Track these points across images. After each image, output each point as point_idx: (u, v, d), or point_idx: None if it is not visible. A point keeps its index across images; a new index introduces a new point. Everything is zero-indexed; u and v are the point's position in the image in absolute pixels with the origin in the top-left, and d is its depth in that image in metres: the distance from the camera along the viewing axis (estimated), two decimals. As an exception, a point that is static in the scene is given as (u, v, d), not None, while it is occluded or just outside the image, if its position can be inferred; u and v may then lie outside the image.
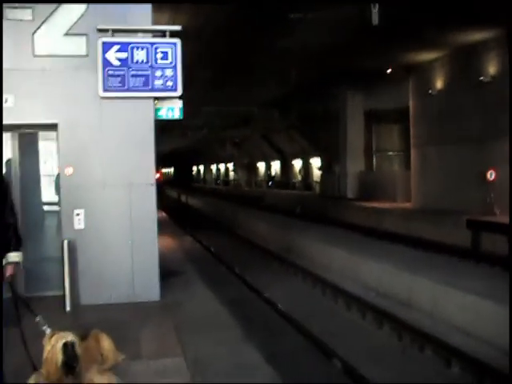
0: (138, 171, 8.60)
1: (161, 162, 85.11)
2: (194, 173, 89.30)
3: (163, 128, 42.30)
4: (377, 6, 13.55)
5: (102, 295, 8.44)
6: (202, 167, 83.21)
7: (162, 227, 19.96)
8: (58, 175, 8.75)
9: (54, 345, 4.91)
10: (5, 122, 8.01)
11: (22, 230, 8.45)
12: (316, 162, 39.75)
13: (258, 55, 22.03)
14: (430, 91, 22.71)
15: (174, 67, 8.47)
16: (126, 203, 8.55)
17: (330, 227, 22.31)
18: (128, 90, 8.37)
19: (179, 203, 48.34)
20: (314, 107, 32.57)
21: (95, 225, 8.50)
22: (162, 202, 45.06)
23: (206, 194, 52.34)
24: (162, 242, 15.67)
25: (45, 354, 4.86)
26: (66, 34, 8.36)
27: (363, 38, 18.56)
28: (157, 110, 8.82)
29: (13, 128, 8.49)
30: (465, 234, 18.13)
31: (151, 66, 8.42)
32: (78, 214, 8.42)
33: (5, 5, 8.07)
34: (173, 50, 8.47)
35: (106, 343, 5.95)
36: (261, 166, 55.29)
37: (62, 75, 8.41)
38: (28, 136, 9.14)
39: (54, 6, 8.29)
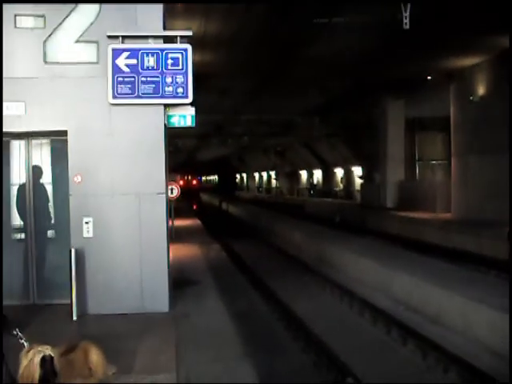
0: (148, 180, 8.46)
1: (202, 169, 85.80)
2: (237, 180, 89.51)
3: (202, 136, 42.65)
4: (408, 9, 13.08)
5: (109, 305, 8.31)
6: (244, 175, 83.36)
7: (192, 236, 20.04)
8: None
9: (31, 359, 4.74)
10: (16, 129, 8.06)
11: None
12: (357, 171, 39.14)
13: (295, 63, 21.80)
14: (471, 98, 21.92)
15: (185, 73, 8.30)
16: (135, 212, 8.41)
17: (367, 238, 21.77)
18: (138, 96, 8.25)
19: (220, 211, 48.36)
20: (354, 115, 32.08)
21: (104, 233, 8.39)
22: (200, 209, 45.41)
23: (247, 202, 52.22)
24: (187, 251, 15.64)
25: (21, 369, 4.71)
26: (77, 41, 8.32)
27: (399, 44, 18.07)
28: (169, 117, 8.66)
29: (23, 136, 8.48)
30: (506, 247, 17.34)
31: (161, 73, 8.27)
32: (86, 223, 8.33)
33: (17, 12, 8.10)
34: (183, 55, 8.30)
35: (95, 356, 5.76)
36: (303, 174, 54.90)
37: (73, 82, 8.36)
38: (59, 142, 8.96)
39: (65, 13, 8.25)
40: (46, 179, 9.11)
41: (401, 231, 23.63)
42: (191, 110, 8.67)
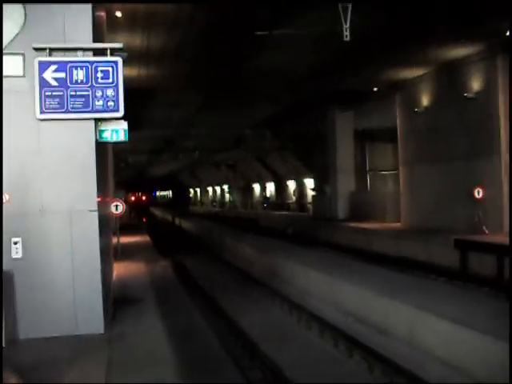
0: (79, 197, 8.15)
1: (156, 184, 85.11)
2: (191, 195, 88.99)
3: (153, 151, 42.23)
4: (348, 22, 13.18)
5: (41, 328, 7.93)
6: (198, 190, 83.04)
7: (141, 253, 19.61)
8: None
9: None
10: None
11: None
12: (310, 183, 39.35)
13: (242, 76, 21.77)
14: (415, 109, 22.32)
15: (116, 86, 8.06)
16: (66, 231, 8.08)
17: (317, 249, 21.79)
18: (67, 111, 7.95)
19: (173, 227, 47.76)
20: (304, 127, 32.29)
21: (34, 254, 8.03)
22: (151, 224, 44.73)
23: (200, 217, 51.76)
24: (133, 269, 15.25)
25: None
26: (1, 53, 7.96)
27: (343, 56, 18.26)
28: (101, 132, 8.39)
29: None
30: (454, 254, 17.60)
31: (91, 86, 8.00)
32: (15, 243, 7.95)
33: None
34: (114, 68, 8.06)
35: (13, 386, 5.44)
36: (256, 187, 54.91)
37: (-2, 96, 7.99)
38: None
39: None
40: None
41: (350, 242, 23.76)
42: (124, 124, 8.42)
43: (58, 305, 8.06)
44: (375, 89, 24.44)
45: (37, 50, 7.93)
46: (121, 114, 8.11)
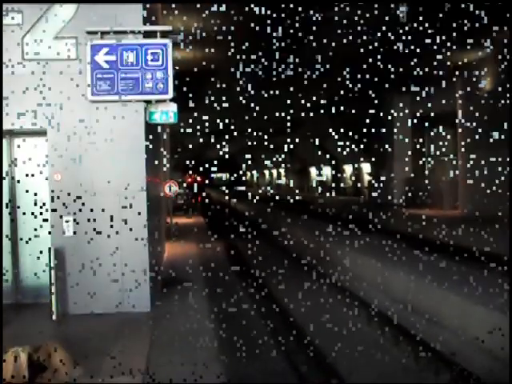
0: (128, 177, 8.33)
1: (211, 166, 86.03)
2: (247, 177, 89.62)
3: (209, 134, 42.52)
4: (405, 3, 12.81)
5: (90, 305, 8.21)
6: (255, 172, 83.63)
7: (193, 234, 19.85)
8: None
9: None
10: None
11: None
12: (366, 168, 38.83)
13: (297, 57, 21.53)
14: (477, 92, 21.54)
15: (165, 69, 8.16)
16: (114, 209, 8.29)
17: (372, 235, 21.45)
18: (117, 93, 8.13)
19: (228, 209, 48.13)
20: (362, 111, 31.69)
21: (84, 232, 8.27)
22: (206, 203, 45.20)
23: (256, 199, 51.89)
24: (185, 250, 15.47)
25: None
26: (56, 38, 8.19)
27: (399, 38, 17.75)
28: (151, 114, 8.51)
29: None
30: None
31: (141, 68, 8.12)
32: (67, 221, 8.21)
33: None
34: (163, 51, 8.15)
35: (58, 357, 5.65)
36: (312, 170, 54.74)
37: (52, 79, 8.23)
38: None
39: (43, 8, 8.12)
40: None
41: (407, 228, 23.33)
42: (173, 106, 8.51)
43: (106, 282, 8.30)
44: (436, 72, 23.68)
45: (89, 33, 8.10)
46: (170, 96, 8.22)
